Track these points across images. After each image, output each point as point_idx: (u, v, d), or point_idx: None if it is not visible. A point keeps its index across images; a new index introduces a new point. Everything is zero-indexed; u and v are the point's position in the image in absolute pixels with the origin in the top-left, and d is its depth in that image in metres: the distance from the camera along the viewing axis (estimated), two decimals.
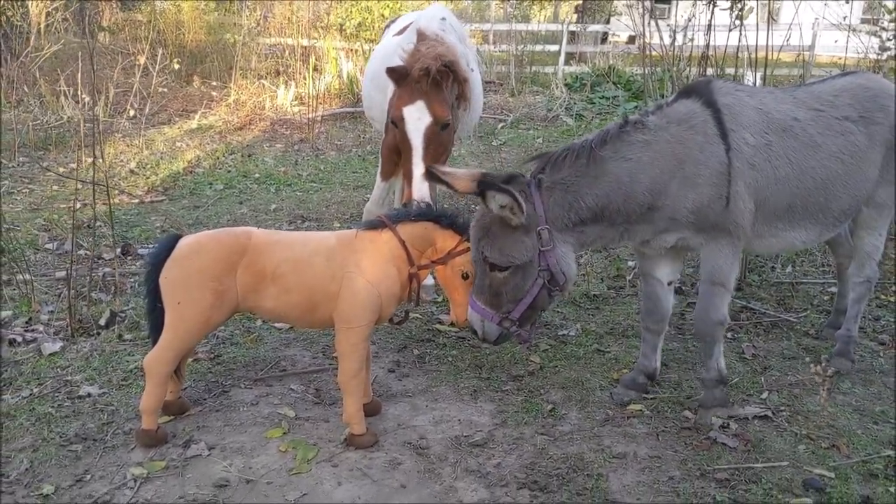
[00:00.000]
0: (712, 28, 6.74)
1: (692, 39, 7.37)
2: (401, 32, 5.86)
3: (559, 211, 3.49)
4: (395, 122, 4.56)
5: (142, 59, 11.19)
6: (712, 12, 6.89)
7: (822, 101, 3.88)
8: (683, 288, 5.54)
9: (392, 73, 4.53)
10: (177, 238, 3.52)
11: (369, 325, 3.51)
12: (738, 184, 3.54)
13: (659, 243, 3.70)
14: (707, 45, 6.83)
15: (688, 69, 7.68)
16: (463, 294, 3.62)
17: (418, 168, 4.48)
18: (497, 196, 3.33)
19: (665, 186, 3.51)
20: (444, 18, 5.33)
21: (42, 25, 14.02)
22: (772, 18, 6.22)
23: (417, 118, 4.48)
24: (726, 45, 6.98)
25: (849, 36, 9.23)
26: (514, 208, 3.34)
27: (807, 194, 3.74)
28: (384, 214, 3.70)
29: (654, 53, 7.24)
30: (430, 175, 3.56)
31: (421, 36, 4.84)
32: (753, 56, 7.06)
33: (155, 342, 3.54)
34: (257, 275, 3.45)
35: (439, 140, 4.55)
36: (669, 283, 4.00)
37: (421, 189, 4.46)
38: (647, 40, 7.19)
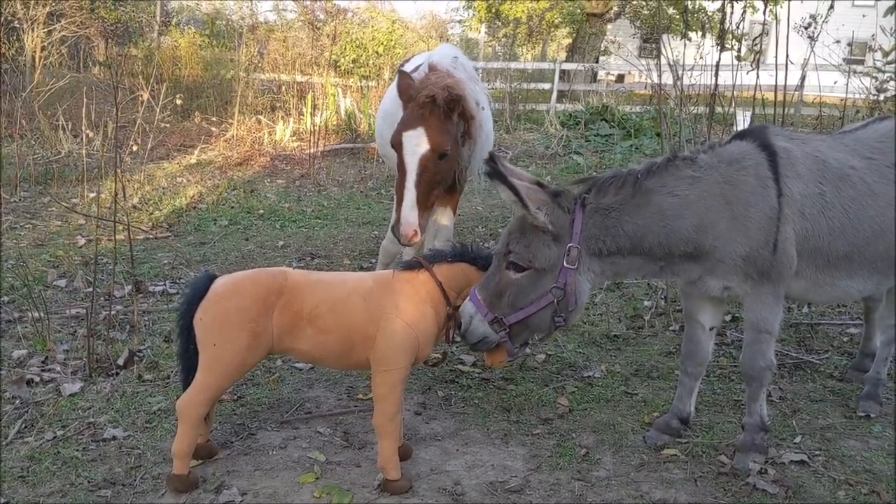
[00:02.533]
0: (719, 68, 6.79)
1: (677, 78, 7.43)
2: (413, 72, 5.87)
3: (596, 233, 3.45)
4: (395, 147, 4.54)
5: (145, 95, 11.15)
6: (720, 53, 6.95)
7: (872, 149, 3.85)
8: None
9: (403, 93, 4.55)
10: (211, 278, 3.46)
11: (407, 368, 3.46)
12: (787, 230, 3.50)
13: (704, 288, 3.66)
14: (715, 85, 6.88)
15: (695, 108, 7.73)
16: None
17: (410, 193, 4.45)
18: (500, 187, 3.34)
19: (712, 225, 3.47)
20: (455, 58, 5.34)
21: (38, 61, 14.00)
22: (790, 61, 6.26)
23: (416, 144, 4.45)
24: (714, 85, 7.03)
25: (848, 77, 9.36)
26: (520, 206, 3.33)
27: (865, 244, 3.69)
28: (421, 255, 3.66)
29: (662, 92, 7.28)
30: (491, 161, 3.40)
31: (432, 68, 4.85)
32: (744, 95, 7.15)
33: (186, 384, 3.46)
34: (294, 316, 3.39)
35: (436, 169, 4.51)
36: (711, 328, 3.96)
37: (409, 216, 4.43)
38: (654, 80, 7.25)
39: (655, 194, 3.49)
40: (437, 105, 4.40)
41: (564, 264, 3.41)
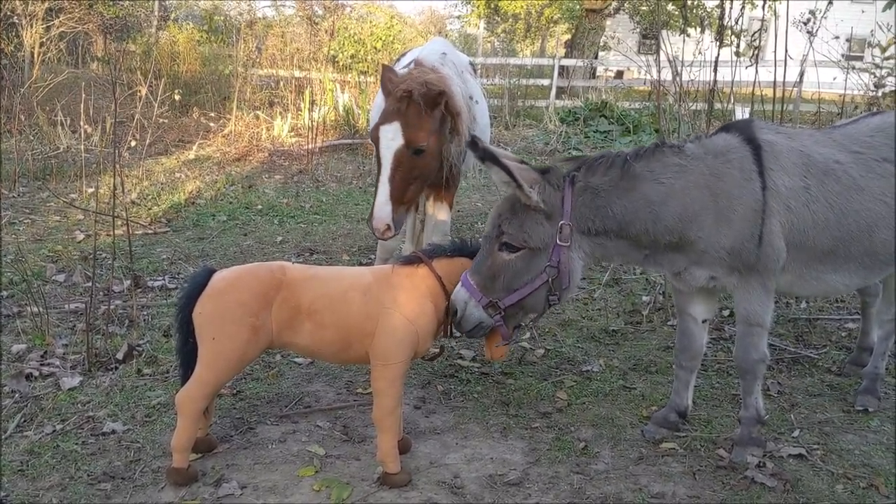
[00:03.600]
0: (718, 63, 6.79)
1: (676, 74, 7.44)
2: (407, 66, 5.87)
3: (586, 212, 3.47)
4: (373, 140, 4.55)
5: (143, 90, 11.14)
6: (719, 49, 6.95)
7: (860, 143, 3.85)
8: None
9: (385, 71, 4.55)
10: (210, 273, 3.46)
11: (406, 362, 3.46)
12: (772, 223, 3.50)
13: (690, 279, 3.66)
14: (714, 81, 6.89)
15: (694, 104, 7.74)
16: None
17: (384, 187, 4.45)
18: (493, 168, 3.37)
19: (696, 217, 3.48)
20: (444, 53, 5.32)
21: (37, 56, 13.97)
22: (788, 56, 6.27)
23: (391, 139, 4.45)
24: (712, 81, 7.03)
25: (847, 73, 9.37)
26: (514, 186, 3.35)
27: (850, 238, 3.68)
28: (420, 250, 3.67)
29: (662, 89, 7.28)
30: (473, 145, 3.44)
31: (418, 64, 4.85)
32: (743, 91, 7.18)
33: (185, 378, 3.47)
34: (292, 311, 3.39)
35: (411, 164, 4.50)
36: (704, 321, 3.96)
37: (381, 211, 4.43)
38: (653, 76, 7.26)
39: (642, 180, 3.50)
40: (413, 100, 4.39)
41: (557, 242, 3.42)
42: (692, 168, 3.53)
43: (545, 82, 19.81)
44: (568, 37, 27.71)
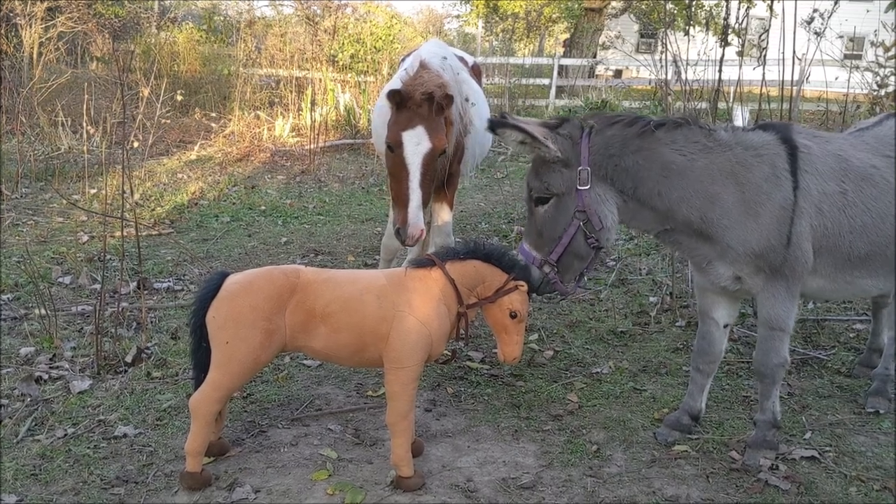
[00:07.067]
0: (723, 63, 6.79)
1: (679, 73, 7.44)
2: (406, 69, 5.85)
3: (600, 160, 3.54)
4: (392, 147, 4.49)
5: (146, 91, 11.11)
6: (724, 50, 6.95)
7: (889, 146, 3.84)
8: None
9: (395, 95, 4.48)
10: (224, 276, 3.45)
11: (420, 365, 3.45)
12: (802, 225, 3.50)
13: (714, 275, 3.66)
14: (719, 80, 6.88)
15: (698, 103, 7.75)
16: (511, 333, 3.57)
17: (416, 193, 4.42)
18: (507, 132, 3.51)
19: (719, 199, 3.49)
20: (445, 58, 5.28)
21: (35, 56, 13.92)
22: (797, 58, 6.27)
23: (416, 143, 4.42)
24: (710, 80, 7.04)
25: (850, 72, 9.37)
26: (530, 141, 3.48)
27: (886, 242, 3.68)
28: (433, 253, 3.66)
29: (666, 88, 7.28)
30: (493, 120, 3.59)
31: (423, 65, 4.82)
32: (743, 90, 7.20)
33: (199, 382, 3.46)
34: (307, 314, 3.38)
35: (435, 168, 4.52)
36: (725, 326, 3.96)
37: (417, 217, 4.40)
38: (658, 75, 7.27)
39: (663, 145, 3.54)
40: (434, 103, 4.38)
41: (578, 187, 3.52)
42: (719, 152, 3.56)
43: (545, 81, 19.82)
44: (566, 36, 27.70)
